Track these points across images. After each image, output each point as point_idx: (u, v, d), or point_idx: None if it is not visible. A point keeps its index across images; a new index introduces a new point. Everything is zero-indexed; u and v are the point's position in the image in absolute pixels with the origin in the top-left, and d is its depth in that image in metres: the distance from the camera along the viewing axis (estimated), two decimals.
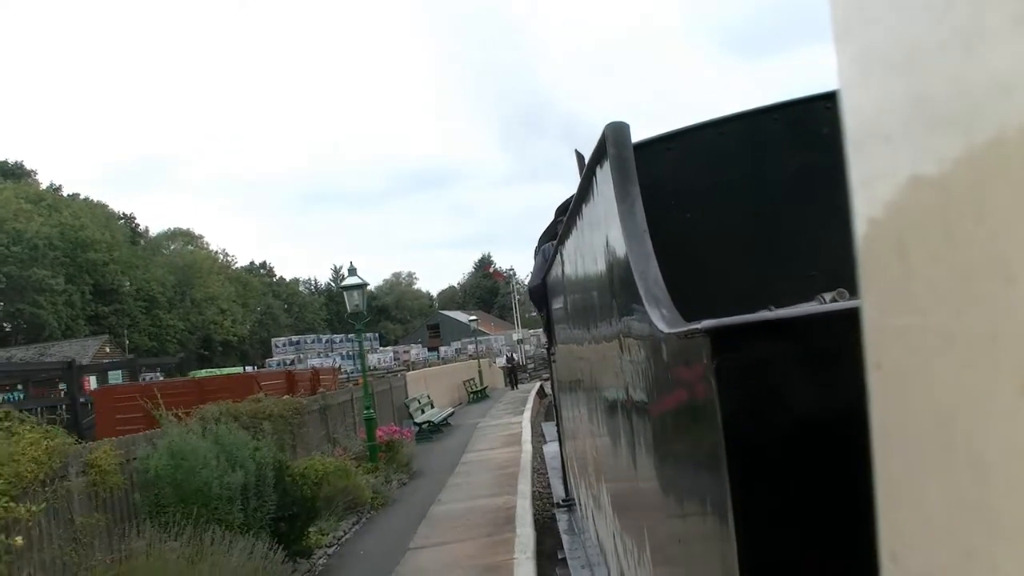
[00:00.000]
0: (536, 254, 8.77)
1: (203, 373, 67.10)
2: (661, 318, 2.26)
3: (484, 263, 61.19)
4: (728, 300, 2.94)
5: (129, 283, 75.88)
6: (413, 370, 50.97)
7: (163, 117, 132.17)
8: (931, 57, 0.49)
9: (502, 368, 42.55)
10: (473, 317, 43.81)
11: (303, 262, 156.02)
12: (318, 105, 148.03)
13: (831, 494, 1.61)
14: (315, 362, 55.75)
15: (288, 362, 53.87)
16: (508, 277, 58.67)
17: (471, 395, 34.42)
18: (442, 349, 69.57)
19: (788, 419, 1.65)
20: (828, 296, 2.75)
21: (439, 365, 50.19)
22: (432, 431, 22.26)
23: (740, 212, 4.36)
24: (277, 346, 58.85)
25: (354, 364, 59.51)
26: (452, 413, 25.79)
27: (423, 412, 23.20)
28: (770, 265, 4.19)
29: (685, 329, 1.98)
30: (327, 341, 60.17)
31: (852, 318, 1.18)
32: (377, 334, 68.43)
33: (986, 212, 0.45)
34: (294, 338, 60.74)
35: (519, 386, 40.97)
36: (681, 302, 2.39)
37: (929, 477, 0.51)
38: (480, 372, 38.56)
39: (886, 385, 0.57)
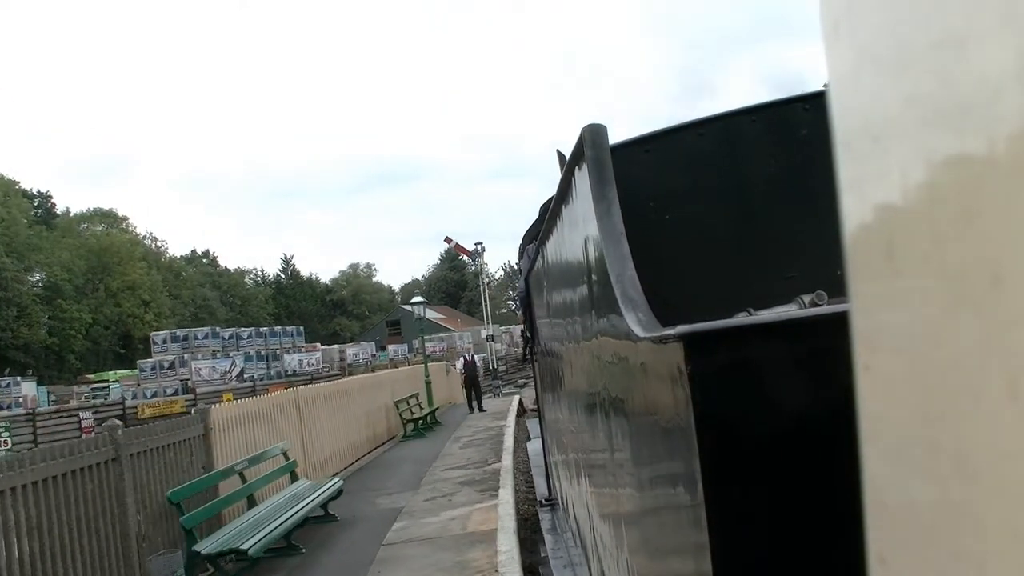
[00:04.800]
0: (521, 255, 8.41)
1: (112, 375, 51.40)
2: (637, 322, 2.19)
3: (447, 240, 45.78)
4: (707, 302, 3.01)
5: (24, 267, 59.22)
6: (352, 375, 35.36)
7: (122, 112, 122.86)
8: (922, 57, 0.49)
9: (461, 373, 27.08)
10: (419, 299, 28.19)
11: (263, 259, 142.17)
12: (285, 102, 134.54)
13: (806, 498, 1.57)
14: (205, 364, 39.96)
15: (167, 364, 37.98)
16: (475, 253, 43.19)
17: (410, 425, 18.92)
18: (391, 348, 54.24)
19: (762, 423, 1.61)
20: (807, 299, 2.80)
21: (387, 369, 34.60)
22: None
23: (719, 214, 4.19)
24: (156, 343, 42.72)
25: (267, 367, 44.03)
26: (338, 490, 10.05)
27: (244, 512, 7.84)
28: (749, 267, 4.03)
29: (659, 334, 1.92)
30: (231, 336, 44.05)
31: (827, 323, 1.51)
32: (300, 328, 52.31)
33: (975, 213, 0.45)
34: (179, 332, 44.51)
35: (485, 405, 25.30)
36: (660, 304, 2.33)
37: (917, 479, 0.51)
38: (428, 384, 22.93)
39: (874, 387, 0.57)
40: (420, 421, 20.75)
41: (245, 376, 42.58)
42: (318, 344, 55.29)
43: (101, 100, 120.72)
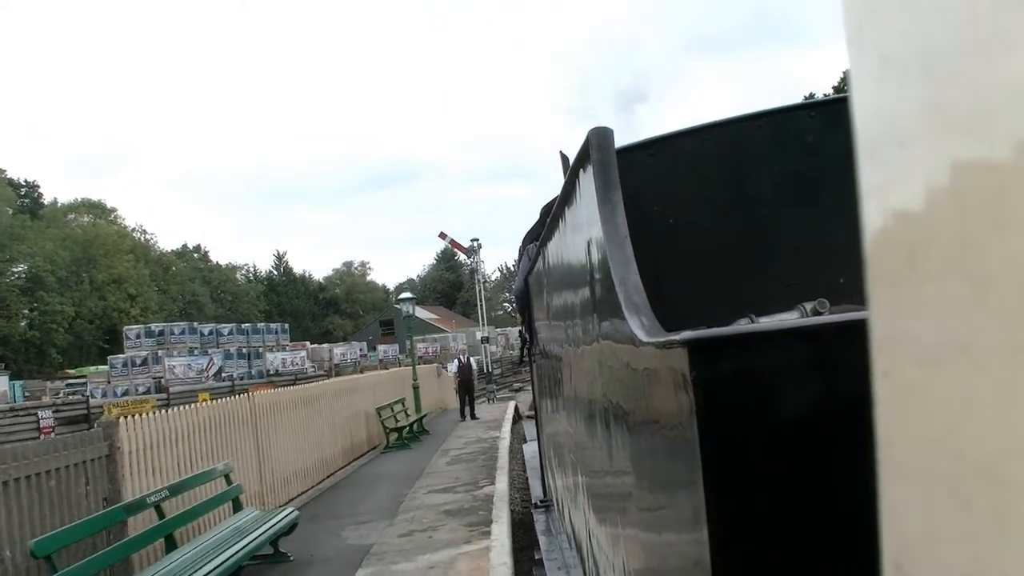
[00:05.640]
0: (520, 255, 8.08)
1: (92, 370, 49.37)
2: (640, 326, 2.17)
3: (442, 236, 43.41)
4: (708, 307, 2.97)
5: (7, 258, 57.31)
6: (339, 376, 33.20)
7: (123, 109, 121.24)
8: (949, 63, 0.49)
9: (455, 376, 24.78)
10: (407, 295, 25.86)
11: (258, 257, 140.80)
12: (286, 102, 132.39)
13: (810, 506, 1.55)
14: (179, 361, 37.53)
15: (140, 360, 35.65)
16: (471, 250, 40.91)
17: (393, 435, 16.62)
18: (381, 348, 52.15)
19: (766, 431, 1.58)
20: (809, 306, 2.76)
21: (377, 370, 32.50)
22: None
23: (723, 219, 4.16)
24: (129, 337, 40.17)
25: (248, 366, 41.51)
26: (291, 523, 7.60)
27: (161, 557, 5.84)
28: (752, 273, 4.00)
29: (664, 339, 1.91)
30: (211, 332, 41.61)
31: (833, 331, 1.58)
32: (285, 325, 49.81)
33: (1004, 220, 0.44)
34: (154, 327, 41.87)
35: (478, 411, 22.96)
36: (662, 309, 2.31)
37: (938, 486, 0.50)
38: (416, 388, 20.65)
39: (893, 394, 0.56)
40: (405, 430, 18.47)
41: (224, 375, 40.07)
42: (307, 343, 52.96)
43: (102, 96, 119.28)
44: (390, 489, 12.67)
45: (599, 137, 2.82)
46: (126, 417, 8.41)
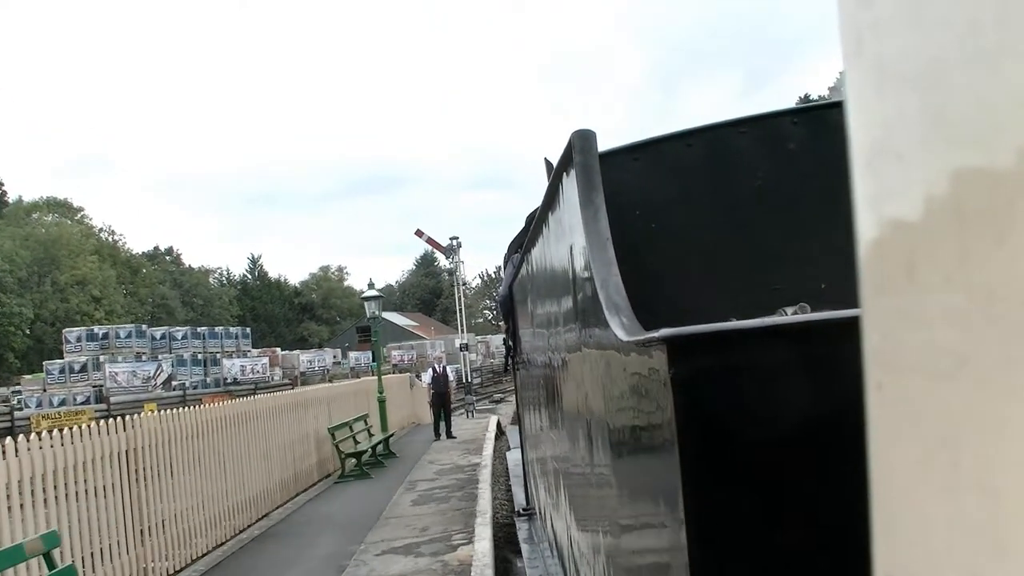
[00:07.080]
0: (505, 263, 8.08)
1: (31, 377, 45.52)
2: (620, 326, 2.15)
3: (418, 233, 39.87)
4: (690, 311, 2.85)
5: None
6: (306, 385, 29.78)
7: (91, 112, 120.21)
8: (949, 73, 0.48)
9: (428, 388, 21.33)
10: (374, 293, 22.44)
11: (235, 261, 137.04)
12: (261, 104, 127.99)
13: (786, 503, 1.54)
14: (122, 368, 33.73)
15: (79, 366, 31.89)
16: (450, 249, 37.45)
17: (351, 461, 13.18)
18: (353, 356, 48.79)
19: (744, 428, 1.55)
20: (790, 310, 2.73)
21: (348, 379, 29.38)
22: None
23: (705, 224, 4.09)
24: (69, 341, 36.26)
25: (204, 373, 37.75)
26: None
27: None
28: (734, 278, 3.94)
29: (643, 338, 1.89)
30: (163, 336, 37.83)
31: (813, 329, 1.55)
32: (247, 329, 46.03)
33: (1007, 232, 0.44)
34: (97, 329, 37.97)
35: (455, 427, 19.66)
36: (645, 312, 2.27)
37: (933, 499, 0.50)
38: (383, 403, 17.27)
39: (887, 406, 0.55)
40: (367, 454, 15.08)
41: (174, 383, 36.17)
42: (276, 349, 49.34)
43: (78, 95, 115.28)
44: (331, 545, 9.30)
45: (582, 140, 2.76)
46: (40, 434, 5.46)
